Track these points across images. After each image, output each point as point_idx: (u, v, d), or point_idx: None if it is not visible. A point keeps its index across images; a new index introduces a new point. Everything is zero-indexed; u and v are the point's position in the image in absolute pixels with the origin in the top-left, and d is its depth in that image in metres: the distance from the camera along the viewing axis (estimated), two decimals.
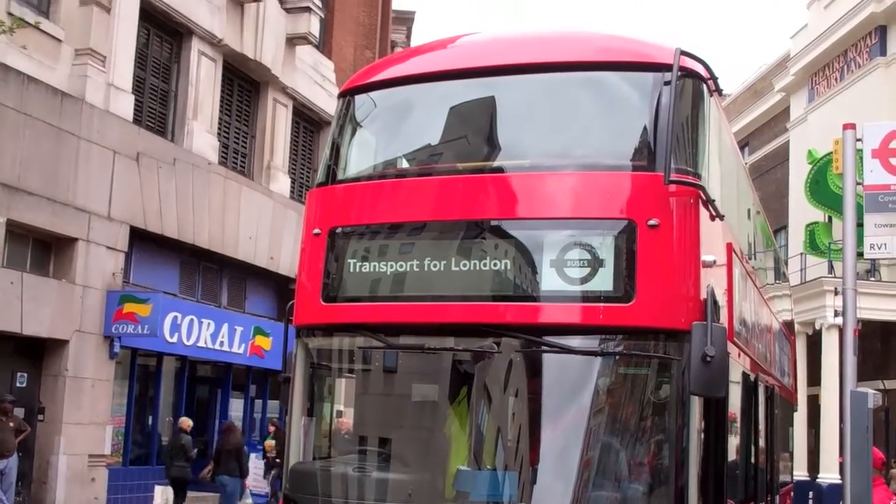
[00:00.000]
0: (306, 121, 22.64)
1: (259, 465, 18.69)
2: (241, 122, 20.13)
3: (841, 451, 10.93)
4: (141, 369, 17.36)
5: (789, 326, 16.67)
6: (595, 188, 6.24)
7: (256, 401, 20.92)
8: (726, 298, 6.92)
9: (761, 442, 10.06)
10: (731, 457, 7.44)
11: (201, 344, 17.71)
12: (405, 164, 7.30)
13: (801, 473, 23.73)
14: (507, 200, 6.44)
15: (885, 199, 11.12)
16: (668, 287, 5.99)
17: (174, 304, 17.09)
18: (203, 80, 18.28)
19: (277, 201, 20.26)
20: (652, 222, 5.95)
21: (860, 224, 11.28)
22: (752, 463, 9.32)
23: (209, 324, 17.92)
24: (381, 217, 6.69)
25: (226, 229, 18.48)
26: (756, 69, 37.31)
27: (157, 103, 17.67)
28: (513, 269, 6.17)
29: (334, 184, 7.15)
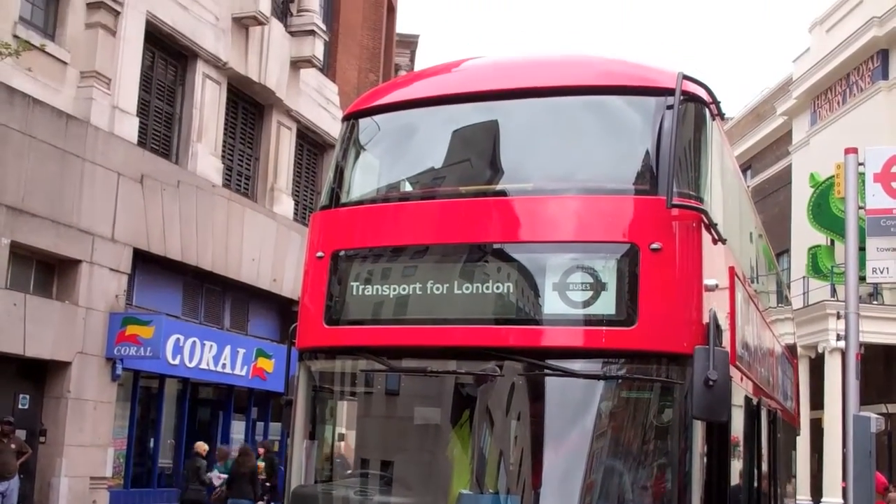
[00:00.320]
0: (310, 143, 22.70)
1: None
2: (245, 144, 20.19)
3: (844, 476, 10.91)
4: (143, 391, 17.31)
5: (792, 350, 16.64)
6: (598, 212, 6.25)
7: (258, 423, 20.85)
8: (729, 322, 6.92)
9: (764, 466, 10.02)
10: (734, 481, 7.42)
11: (203, 366, 17.69)
12: (408, 188, 7.31)
13: (804, 497, 23.63)
14: (510, 224, 6.45)
15: (887, 223, 11.15)
16: (670, 311, 5.99)
17: (177, 327, 17.08)
18: (207, 102, 18.35)
19: (281, 223, 20.29)
20: (654, 246, 5.96)
21: (862, 248, 11.30)
22: (755, 487, 9.29)
23: (212, 346, 17.90)
24: (385, 240, 6.70)
25: (229, 251, 18.49)
26: (758, 93, 37.48)
27: (161, 126, 17.73)
28: (515, 292, 6.17)
29: (338, 207, 7.16)
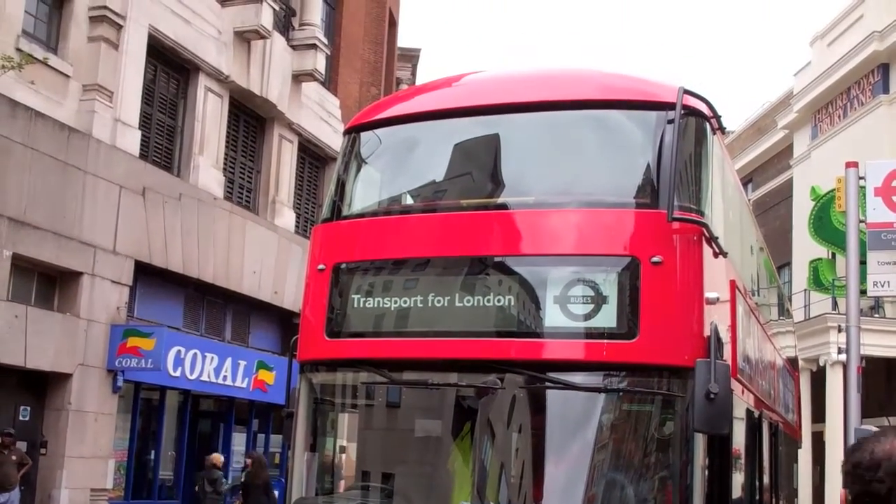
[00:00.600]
0: (312, 156, 22.74)
1: None
2: (246, 157, 20.22)
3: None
4: (144, 403, 17.29)
5: (793, 363, 16.63)
6: (599, 225, 6.28)
7: (259, 435, 20.82)
8: (730, 335, 6.93)
9: (765, 478, 10.02)
10: (736, 494, 7.41)
11: (205, 378, 17.66)
12: (410, 201, 7.34)
13: None
14: (511, 237, 6.48)
15: (888, 236, 11.17)
16: (671, 324, 6.00)
17: (178, 339, 17.07)
18: (209, 115, 18.39)
19: (282, 236, 20.31)
20: (655, 259, 5.97)
21: (863, 261, 11.31)
22: (757, 499, 9.28)
23: (213, 358, 17.88)
24: (386, 253, 6.72)
25: (230, 264, 18.50)
26: (759, 106, 37.46)
27: (163, 139, 17.77)
28: (516, 305, 6.19)
29: (339, 220, 7.19)
